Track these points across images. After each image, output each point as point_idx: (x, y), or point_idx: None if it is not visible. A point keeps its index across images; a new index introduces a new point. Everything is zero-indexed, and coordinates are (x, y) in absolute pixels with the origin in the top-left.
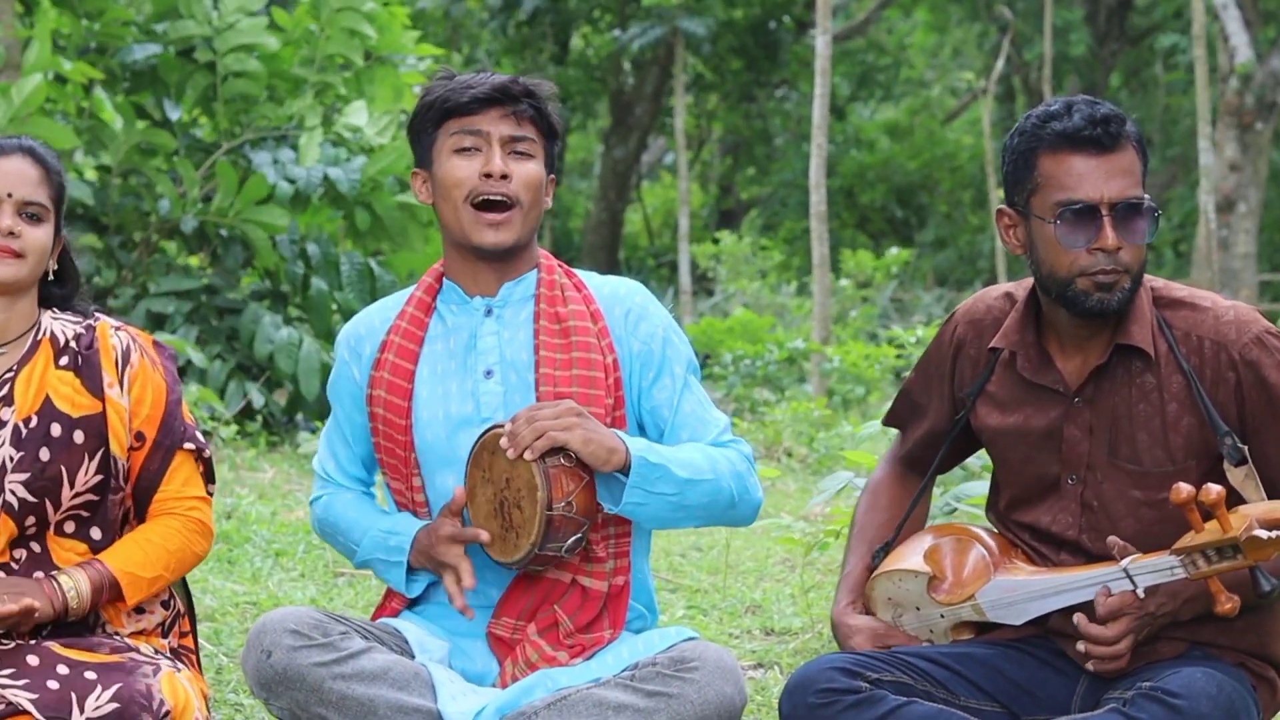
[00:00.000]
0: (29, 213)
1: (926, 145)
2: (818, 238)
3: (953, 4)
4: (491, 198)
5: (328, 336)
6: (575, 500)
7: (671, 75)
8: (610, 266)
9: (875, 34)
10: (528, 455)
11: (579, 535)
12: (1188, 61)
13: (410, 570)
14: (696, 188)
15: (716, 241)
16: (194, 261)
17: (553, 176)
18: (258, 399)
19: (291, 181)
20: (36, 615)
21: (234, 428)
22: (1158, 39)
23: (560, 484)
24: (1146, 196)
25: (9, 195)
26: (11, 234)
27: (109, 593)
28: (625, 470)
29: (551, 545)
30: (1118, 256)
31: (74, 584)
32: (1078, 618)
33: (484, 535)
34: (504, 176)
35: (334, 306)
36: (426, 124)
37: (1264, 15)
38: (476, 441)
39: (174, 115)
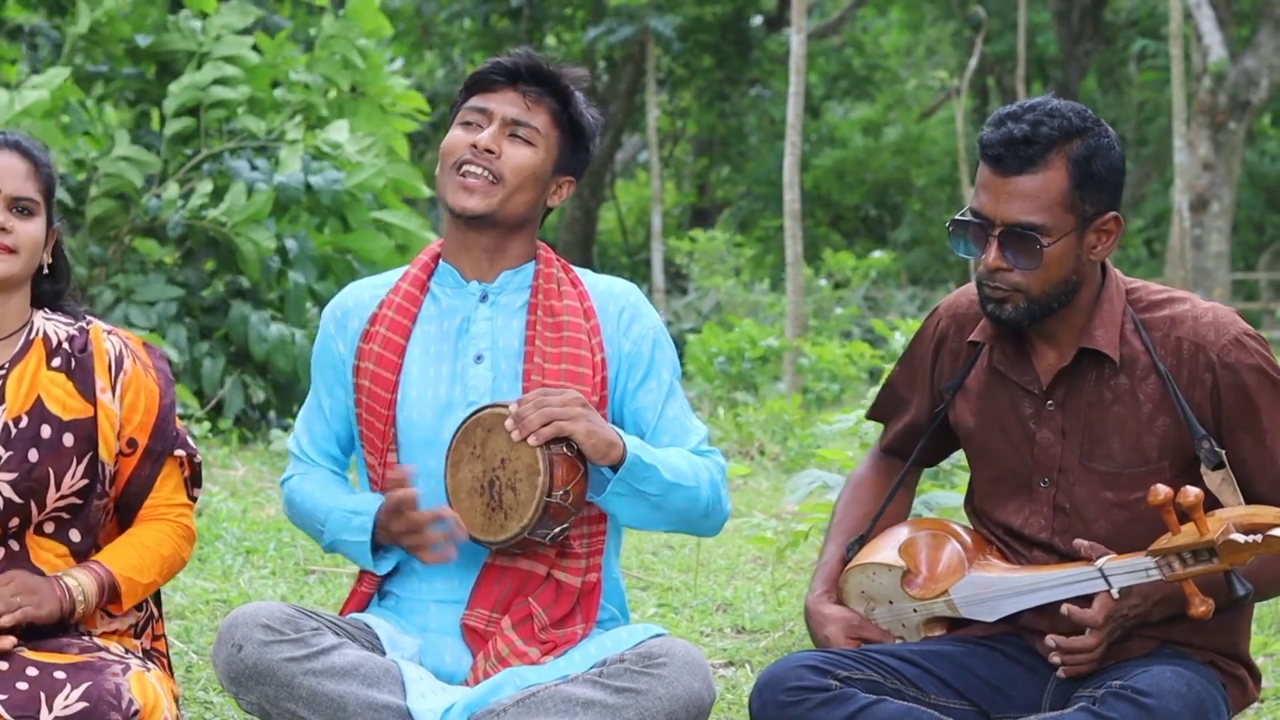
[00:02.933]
0: (20, 207)
1: (901, 143)
2: (791, 236)
3: (926, 2)
4: (473, 169)
5: (304, 328)
6: (572, 490)
7: (645, 73)
8: (584, 264)
9: (850, 33)
10: (532, 440)
11: (565, 525)
12: (1162, 61)
13: (379, 547)
14: (671, 186)
15: (693, 240)
16: (168, 259)
17: (569, 178)
18: (259, 394)
19: (274, 189)
20: (38, 619)
21: (205, 425)
22: (1132, 43)
23: (560, 472)
24: (1043, 224)
25: None
26: (3, 230)
27: (108, 597)
28: (617, 466)
29: (540, 531)
30: (1005, 276)
31: (81, 588)
32: (1052, 638)
33: (447, 512)
34: (489, 151)
35: (309, 300)
36: (459, 99)
37: (1237, 15)
38: (469, 416)
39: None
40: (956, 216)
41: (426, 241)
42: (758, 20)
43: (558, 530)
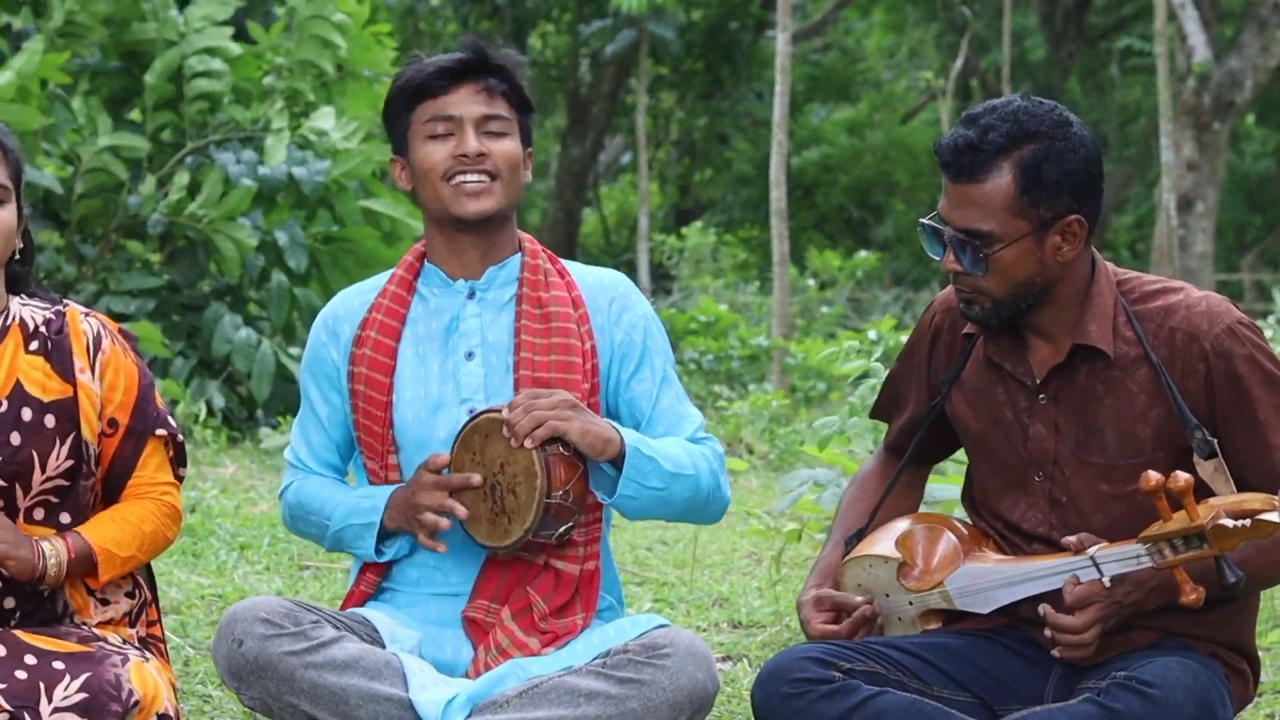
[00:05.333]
0: None
1: (884, 145)
2: (778, 235)
3: (910, 4)
4: (469, 180)
5: (286, 333)
6: (571, 489)
7: (629, 75)
8: None
9: (833, 35)
10: (528, 443)
11: (570, 524)
12: (1145, 62)
13: (384, 537)
14: (654, 188)
15: (680, 236)
16: (154, 258)
17: (530, 150)
18: (219, 399)
19: (257, 181)
20: (9, 569)
21: (198, 423)
22: (1117, 38)
23: (558, 473)
24: (989, 231)
25: None
26: None
27: (83, 566)
28: (615, 460)
29: (544, 533)
30: (964, 279)
31: (55, 552)
32: (1043, 608)
33: (476, 478)
34: (480, 155)
35: (293, 301)
36: (399, 108)
37: (1221, 15)
38: (467, 424)
39: (146, 110)
40: (923, 219)
41: (414, 229)
42: (738, 25)
43: (562, 530)
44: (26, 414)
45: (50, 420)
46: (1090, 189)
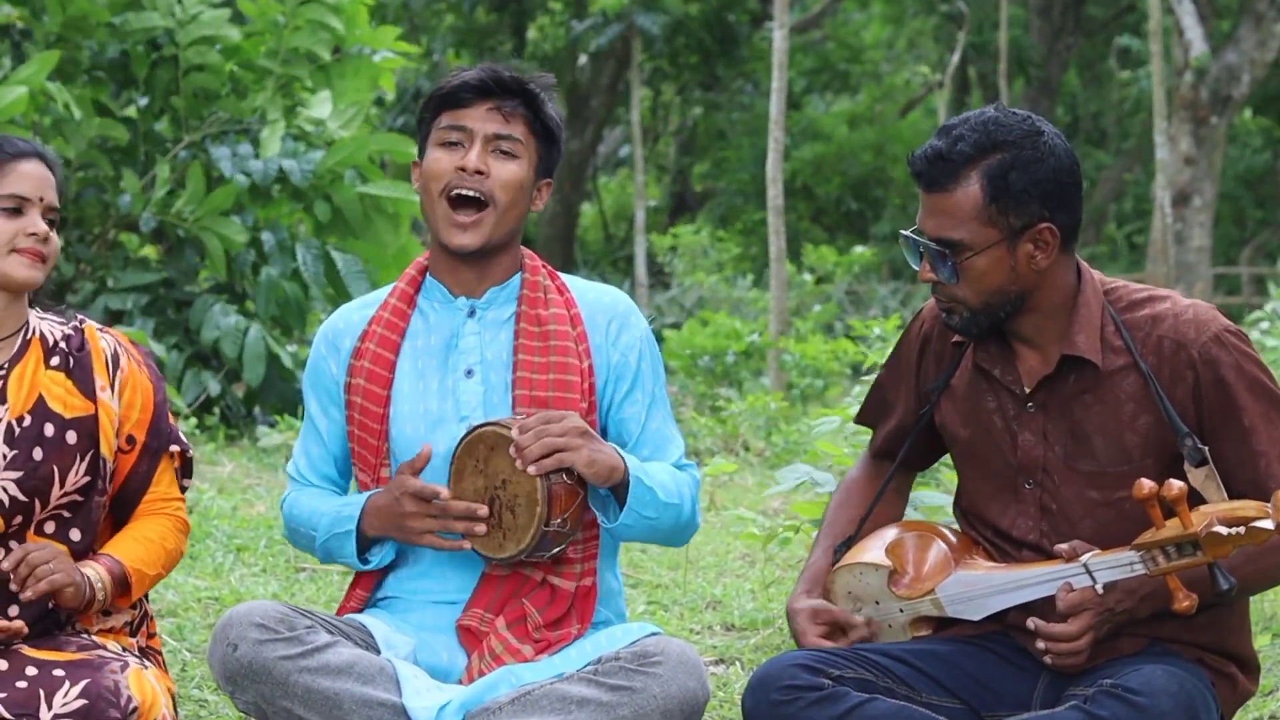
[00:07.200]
0: (49, 219)
1: (881, 138)
2: (774, 231)
3: None
4: (465, 192)
5: (282, 330)
6: (570, 516)
7: (627, 68)
8: (565, 260)
9: (831, 27)
10: (534, 470)
11: (562, 547)
12: (1144, 56)
13: (367, 543)
14: (651, 181)
15: (675, 235)
16: (152, 253)
17: (548, 181)
18: (214, 389)
19: (248, 175)
20: (64, 588)
21: (192, 421)
22: (1116, 30)
23: (560, 501)
24: (960, 240)
25: (40, 199)
26: (45, 239)
27: (120, 589)
28: (616, 487)
29: (538, 554)
30: (941, 288)
31: (100, 578)
32: (1033, 621)
33: (482, 509)
34: (479, 172)
35: (283, 295)
36: (425, 114)
37: (1218, 9)
38: (473, 430)
39: (138, 105)
40: (903, 230)
41: (418, 209)
42: (734, 18)
43: (556, 551)
44: (49, 430)
45: (72, 436)
46: (1062, 197)
